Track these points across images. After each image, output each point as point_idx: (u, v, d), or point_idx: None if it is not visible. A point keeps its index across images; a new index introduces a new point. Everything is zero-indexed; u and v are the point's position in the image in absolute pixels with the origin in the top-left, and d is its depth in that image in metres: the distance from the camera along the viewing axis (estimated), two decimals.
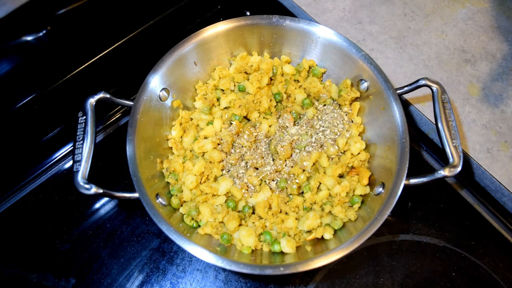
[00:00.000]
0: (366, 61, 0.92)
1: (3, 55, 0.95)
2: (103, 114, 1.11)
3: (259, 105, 0.97)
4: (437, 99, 0.85)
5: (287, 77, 1.01)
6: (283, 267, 0.72)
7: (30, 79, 1.02)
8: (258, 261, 0.81)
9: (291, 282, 0.91)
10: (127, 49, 1.13)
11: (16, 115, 1.00)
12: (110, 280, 0.91)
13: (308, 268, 0.72)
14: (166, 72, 0.92)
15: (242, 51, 1.02)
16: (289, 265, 0.73)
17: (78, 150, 0.77)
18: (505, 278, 0.91)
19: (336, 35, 0.95)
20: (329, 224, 0.86)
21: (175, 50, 0.93)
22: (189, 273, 0.92)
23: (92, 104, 0.82)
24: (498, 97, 1.08)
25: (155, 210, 0.77)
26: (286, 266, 0.73)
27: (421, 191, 1.01)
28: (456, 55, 1.15)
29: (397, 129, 0.85)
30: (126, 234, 0.96)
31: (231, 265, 0.72)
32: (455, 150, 0.80)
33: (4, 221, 0.98)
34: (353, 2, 1.24)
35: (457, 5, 1.24)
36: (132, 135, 0.83)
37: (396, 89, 0.89)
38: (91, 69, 1.07)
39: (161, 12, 1.17)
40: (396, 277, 0.91)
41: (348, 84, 0.96)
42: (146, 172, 0.83)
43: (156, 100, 0.92)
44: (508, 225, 0.98)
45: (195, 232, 0.85)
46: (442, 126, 0.83)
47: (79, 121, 0.80)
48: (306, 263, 0.73)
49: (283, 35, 0.99)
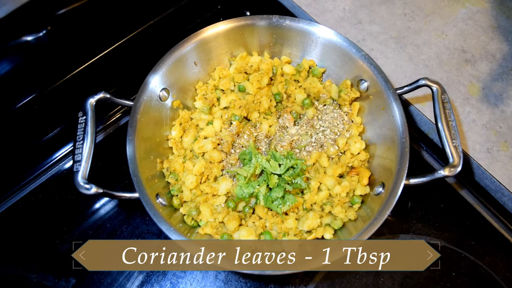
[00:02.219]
0: (366, 61, 0.92)
1: (3, 55, 0.95)
2: (103, 114, 1.11)
3: (259, 105, 0.97)
4: (437, 99, 0.85)
5: (287, 77, 1.01)
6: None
7: (30, 79, 1.02)
8: None
9: (291, 282, 0.91)
10: (127, 49, 1.13)
11: (16, 115, 1.00)
12: (110, 280, 0.91)
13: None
14: (166, 72, 0.92)
15: (242, 51, 1.02)
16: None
17: (78, 150, 0.77)
18: (505, 278, 0.91)
19: (336, 35, 0.95)
20: (329, 224, 0.86)
21: (175, 50, 0.93)
22: (189, 273, 0.92)
23: (92, 104, 0.82)
24: (498, 97, 1.08)
25: (155, 210, 0.77)
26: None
27: (421, 191, 1.01)
28: (456, 55, 1.15)
29: (397, 129, 0.85)
30: (126, 234, 0.96)
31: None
32: (455, 150, 0.80)
33: (4, 221, 0.98)
34: (353, 2, 1.24)
35: (457, 5, 1.24)
36: (132, 135, 0.83)
37: (396, 89, 0.89)
38: (91, 69, 1.07)
39: (161, 12, 1.17)
40: (396, 277, 0.91)
41: (348, 84, 0.96)
42: (146, 172, 0.83)
43: (156, 100, 0.92)
44: (508, 225, 0.98)
45: (195, 232, 0.85)
46: (442, 126, 0.83)
47: (79, 121, 0.80)
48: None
49: (283, 35, 0.99)
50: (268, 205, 0.84)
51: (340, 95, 0.96)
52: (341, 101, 0.97)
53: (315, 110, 0.99)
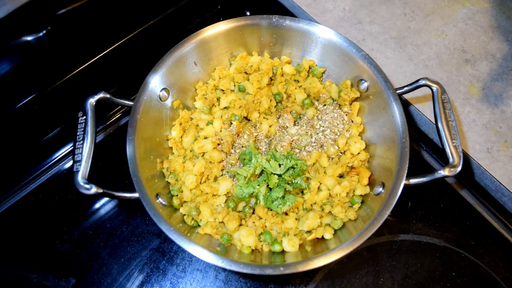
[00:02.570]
0: (366, 61, 0.92)
1: (3, 55, 0.95)
2: (103, 114, 1.11)
3: (259, 106, 0.97)
4: (437, 99, 0.85)
5: (287, 77, 1.01)
6: (283, 267, 0.72)
7: (30, 79, 1.02)
8: (258, 261, 0.81)
9: (291, 282, 0.91)
10: (127, 49, 1.13)
11: (16, 115, 1.00)
12: (110, 280, 0.91)
13: (308, 268, 0.72)
14: (166, 72, 0.92)
15: (242, 51, 1.02)
16: (289, 265, 0.73)
17: (78, 150, 0.77)
18: (505, 278, 0.91)
19: (336, 35, 0.95)
20: (329, 224, 0.86)
21: (175, 50, 0.93)
22: (189, 273, 0.92)
23: (92, 104, 0.82)
24: (498, 97, 1.08)
25: (155, 210, 0.77)
26: (286, 266, 0.73)
27: (421, 191, 1.01)
28: (456, 55, 1.15)
29: (397, 129, 0.85)
30: (126, 234, 0.96)
31: (231, 265, 0.72)
32: (455, 150, 0.80)
33: (4, 221, 0.98)
34: (353, 2, 1.24)
35: (457, 5, 1.24)
36: (132, 135, 0.83)
37: (396, 89, 0.89)
38: (91, 69, 1.07)
39: (161, 12, 1.17)
40: (396, 277, 0.91)
41: (348, 84, 0.96)
42: (146, 172, 0.83)
43: (156, 100, 0.92)
44: (508, 225, 0.98)
45: (195, 232, 0.85)
46: (442, 126, 0.83)
47: (79, 121, 0.80)
48: (306, 263, 0.73)
49: (283, 35, 0.99)
50: (268, 205, 0.84)
51: (340, 95, 0.96)
52: (341, 101, 0.97)
53: (315, 110, 0.99)
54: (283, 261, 0.80)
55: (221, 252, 0.80)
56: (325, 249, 0.80)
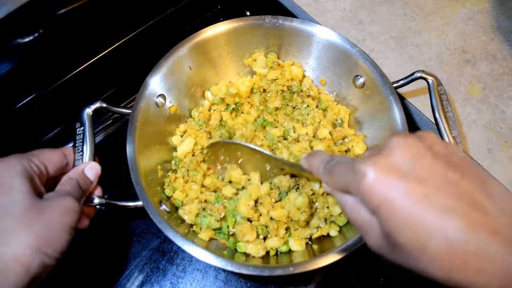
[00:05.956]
0: (361, 57, 0.92)
1: (3, 55, 0.95)
2: (103, 114, 1.11)
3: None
4: (433, 91, 0.85)
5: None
6: (293, 267, 0.71)
7: (30, 79, 1.02)
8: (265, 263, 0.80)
9: (291, 282, 0.91)
10: (127, 49, 1.13)
11: (16, 115, 1.00)
12: (110, 280, 0.91)
13: (318, 266, 0.70)
14: (162, 77, 0.91)
15: (241, 51, 1.01)
16: (298, 265, 0.72)
17: (78, 162, 0.76)
18: None
19: (336, 35, 0.94)
20: (334, 221, 0.86)
21: (171, 55, 0.92)
22: (189, 273, 0.92)
23: (89, 115, 0.81)
24: (499, 97, 1.08)
25: (160, 218, 0.76)
26: (295, 265, 0.72)
27: None
28: (457, 56, 1.15)
29: (396, 123, 0.86)
30: (126, 234, 0.96)
31: (241, 268, 0.71)
32: (453, 140, 0.80)
33: None
34: (353, 2, 1.24)
35: (457, 5, 1.24)
36: (132, 143, 0.82)
37: (392, 83, 0.89)
38: (91, 69, 1.07)
39: (161, 12, 1.17)
40: (396, 277, 0.91)
41: None
42: (148, 179, 0.82)
43: (153, 107, 0.90)
44: None
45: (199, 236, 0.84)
46: (439, 117, 0.82)
47: (77, 132, 0.79)
48: (315, 261, 0.72)
49: (283, 35, 0.99)
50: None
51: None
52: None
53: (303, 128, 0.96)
54: (290, 261, 0.79)
55: (228, 255, 0.80)
56: (331, 246, 0.79)
